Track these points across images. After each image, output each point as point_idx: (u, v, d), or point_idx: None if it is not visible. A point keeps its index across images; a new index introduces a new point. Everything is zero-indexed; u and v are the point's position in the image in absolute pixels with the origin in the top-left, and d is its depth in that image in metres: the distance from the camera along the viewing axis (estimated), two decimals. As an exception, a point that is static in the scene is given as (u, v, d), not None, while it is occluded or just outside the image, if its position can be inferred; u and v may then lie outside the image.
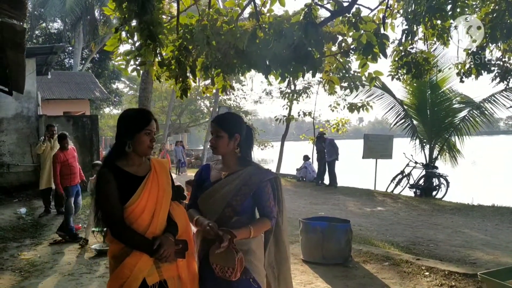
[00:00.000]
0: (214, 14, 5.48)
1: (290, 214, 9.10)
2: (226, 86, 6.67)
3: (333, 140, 14.96)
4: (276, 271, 2.62)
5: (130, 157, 2.42)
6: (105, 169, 2.37)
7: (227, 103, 34.26)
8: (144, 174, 2.43)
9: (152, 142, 2.44)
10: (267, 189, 2.55)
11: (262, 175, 2.57)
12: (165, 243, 2.33)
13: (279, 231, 2.66)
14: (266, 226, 2.55)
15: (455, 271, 5.11)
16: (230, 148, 2.57)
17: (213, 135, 2.60)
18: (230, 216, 2.50)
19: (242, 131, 2.60)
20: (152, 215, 2.38)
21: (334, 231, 5.85)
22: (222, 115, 2.69)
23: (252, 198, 2.54)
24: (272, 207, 2.55)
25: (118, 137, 2.43)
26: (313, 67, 5.73)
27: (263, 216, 2.55)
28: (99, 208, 2.38)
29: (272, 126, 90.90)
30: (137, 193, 2.35)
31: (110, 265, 2.41)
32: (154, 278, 2.34)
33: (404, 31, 6.15)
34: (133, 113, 2.51)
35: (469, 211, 10.20)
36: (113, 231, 2.33)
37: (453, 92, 13.95)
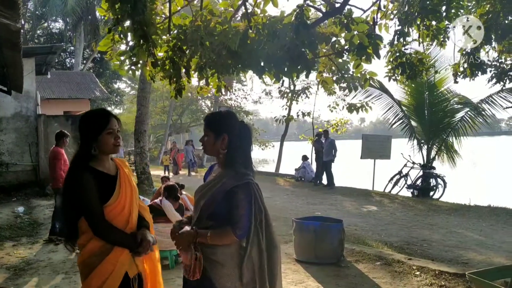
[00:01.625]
0: (207, 14, 5.52)
1: (287, 214, 9.15)
2: (221, 87, 6.70)
3: (334, 140, 14.97)
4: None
5: (98, 158, 2.46)
6: (82, 171, 2.39)
7: (228, 103, 34.30)
8: (115, 173, 2.50)
9: (117, 140, 2.47)
10: (236, 196, 2.31)
11: (234, 180, 2.34)
12: (144, 237, 2.45)
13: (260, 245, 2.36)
14: (227, 237, 2.30)
15: (446, 271, 5.14)
16: (217, 148, 2.43)
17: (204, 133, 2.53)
18: (203, 218, 2.41)
19: (231, 131, 2.43)
20: (130, 212, 2.47)
21: (326, 230, 5.89)
22: (211, 114, 2.59)
23: (225, 204, 2.34)
24: (240, 217, 2.30)
25: (81, 141, 2.47)
26: (306, 68, 5.77)
27: (228, 225, 2.31)
28: (71, 209, 2.42)
29: (273, 126, 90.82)
30: (116, 191, 2.43)
31: (84, 265, 2.42)
32: (134, 271, 2.45)
33: (397, 32, 6.19)
34: (92, 115, 2.54)
35: (465, 211, 10.22)
36: (97, 229, 2.37)
37: (451, 92, 13.95)
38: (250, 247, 2.33)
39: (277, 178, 17.99)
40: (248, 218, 2.31)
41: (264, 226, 2.38)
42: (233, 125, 2.46)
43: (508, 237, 7.52)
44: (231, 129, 2.43)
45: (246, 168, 2.43)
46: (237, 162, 2.41)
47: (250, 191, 2.34)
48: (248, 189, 2.33)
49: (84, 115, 2.56)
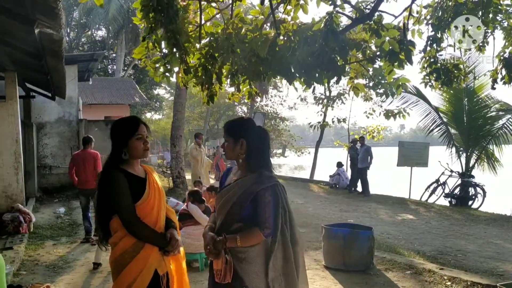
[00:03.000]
0: (238, 22, 5.63)
1: (319, 221, 9.12)
2: (252, 93, 6.80)
3: (370, 147, 14.76)
4: (284, 284, 2.50)
5: (128, 162, 2.63)
6: (116, 171, 2.55)
7: (264, 109, 34.47)
8: (144, 176, 2.66)
9: (146, 145, 2.64)
10: (264, 197, 2.47)
11: (261, 183, 2.50)
12: (173, 236, 2.59)
13: (286, 243, 2.52)
14: (256, 237, 2.46)
15: (478, 282, 5.01)
16: (237, 153, 2.58)
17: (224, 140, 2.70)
18: (232, 222, 2.52)
19: (248, 136, 2.57)
20: (158, 212, 2.61)
21: (356, 238, 5.85)
22: (231, 121, 2.75)
23: (252, 206, 2.49)
24: (267, 217, 2.45)
25: (113, 145, 2.64)
26: (337, 74, 5.77)
27: (255, 226, 2.46)
28: (110, 207, 2.56)
29: (310, 133, 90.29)
30: (147, 191, 2.59)
31: (116, 263, 2.55)
32: (163, 269, 2.58)
33: (430, 38, 6.10)
34: (122, 122, 2.72)
35: (505, 222, 9.85)
36: (130, 225, 2.52)
37: (491, 99, 13.49)
38: (277, 245, 2.47)
39: (311, 185, 17.91)
40: (275, 218, 2.47)
41: (288, 225, 2.54)
42: (251, 130, 2.61)
43: (549, 250, 7.22)
44: (249, 134, 2.58)
45: (268, 170, 2.59)
46: (260, 166, 2.57)
47: (276, 192, 2.50)
48: (274, 191, 2.50)
49: (115, 122, 2.74)
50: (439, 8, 6.20)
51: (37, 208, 10.39)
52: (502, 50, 7.30)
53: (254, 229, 2.46)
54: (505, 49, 7.25)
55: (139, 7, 4.77)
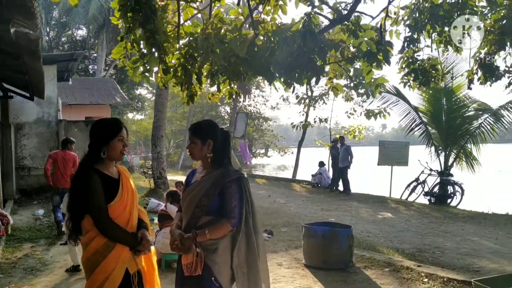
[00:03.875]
0: (218, 23, 5.64)
1: (301, 220, 9.17)
2: (233, 93, 6.82)
3: (350, 147, 14.91)
4: (246, 270, 2.68)
5: (104, 162, 2.65)
6: (90, 171, 2.55)
7: (247, 109, 34.48)
8: (117, 177, 2.69)
9: (125, 147, 2.68)
10: (230, 189, 2.65)
11: (227, 176, 2.68)
12: (144, 236, 2.65)
13: (249, 232, 2.70)
14: (224, 228, 2.61)
15: (454, 278, 5.11)
16: (204, 153, 2.75)
17: (190, 141, 2.81)
18: (199, 216, 2.66)
19: (215, 137, 2.77)
20: (130, 212, 2.65)
21: (335, 236, 5.91)
22: (196, 123, 2.90)
23: (219, 199, 2.65)
24: (233, 208, 2.62)
25: (92, 144, 2.66)
26: (316, 74, 5.83)
27: (223, 217, 2.63)
28: (83, 206, 2.56)
29: (293, 132, 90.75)
30: (120, 191, 2.62)
31: (89, 263, 2.57)
32: (134, 268, 2.63)
33: (406, 39, 6.20)
34: (107, 122, 2.76)
35: (482, 219, 10.05)
36: (103, 226, 2.54)
37: (469, 99, 13.77)
38: (241, 234, 2.66)
39: (293, 184, 17.99)
40: (240, 209, 2.65)
41: (251, 216, 2.72)
42: (216, 132, 2.79)
43: (524, 246, 7.40)
44: (215, 136, 2.76)
45: (230, 165, 2.80)
46: (225, 162, 2.77)
47: (242, 185, 2.69)
48: (240, 183, 2.69)
49: (98, 121, 2.77)
50: (415, 9, 6.30)
51: (15, 210, 10.22)
52: (478, 51, 7.45)
53: (221, 220, 2.62)
54: (481, 49, 7.41)
55: (116, 6, 4.74)
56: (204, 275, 2.57)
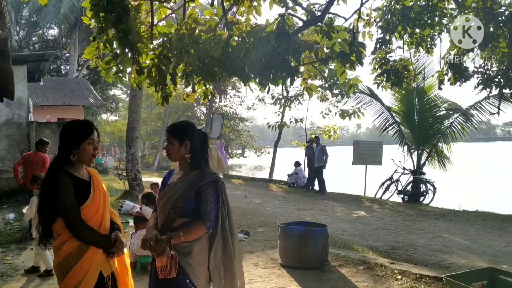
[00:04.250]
0: (192, 23, 5.63)
1: (277, 220, 9.20)
2: (208, 93, 6.80)
3: (325, 146, 15.08)
4: (222, 272, 2.67)
5: (75, 164, 2.61)
6: (61, 173, 2.51)
7: (223, 109, 34.40)
8: (88, 179, 2.65)
9: (95, 150, 2.64)
10: (206, 191, 2.63)
11: (204, 178, 2.67)
12: (118, 238, 2.62)
13: (225, 235, 2.69)
14: (199, 230, 2.59)
15: (426, 275, 5.22)
16: (182, 154, 2.73)
17: (167, 142, 2.79)
18: (174, 218, 2.64)
19: (193, 138, 2.75)
20: (103, 215, 2.62)
21: (311, 235, 5.96)
22: (174, 124, 2.87)
23: (195, 201, 2.64)
24: (209, 210, 2.61)
25: (62, 146, 2.61)
26: (290, 75, 5.88)
27: (198, 219, 2.60)
28: (53, 209, 2.52)
29: (270, 133, 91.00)
30: (92, 194, 2.58)
31: (61, 267, 2.53)
32: (107, 270, 2.60)
33: (379, 40, 6.31)
34: (77, 124, 2.71)
35: (453, 216, 10.30)
36: (75, 228, 2.49)
37: (440, 99, 14.11)
38: (217, 237, 2.66)
39: (270, 184, 18.04)
40: (216, 210, 2.64)
41: (227, 218, 2.72)
42: (194, 133, 2.77)
43: (492, 242, 7.60)
44: (192, 137, 2.74)
45: (208, 168, 2.78)
46: (202, 164, 2.75)
47: (218, 187, 2.68)
48: (216, 185, 2.68)
49: (69, 123, 2.72)
50: (387, 11, 6.43)
51: (-15, 215, 9.93)
52: (448, 52, 7.64)
53: (196, 223, 2.59)
54: (450, 51, 7.60)
55: (88, 6, 4.68)
56: (179, 277, 2.55)
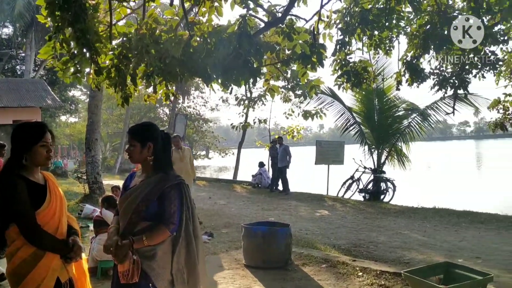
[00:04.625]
0: (152, 23, 5.55)
1: (242, 220, 9.20)
2: (169, 94, 6.73)
3: (288, 147, 15.24)
4: (186, 276, 2.64)
5: (28, 168, 2.52)
6: (14, 177, 2.41)
7: (186, 110, 34.10)
8: (43, 183, 2.57)
9: (49, 153, 2.55)
10: (170, 195, 2.59)
11: (168, 181, 2.62)
12: (76, 243, 2.55)
13: (189, 238, 2.66)
14: (162, 234, 2.55)
15: (386, 271, 5.35)
16: (144, 156, 2.67)
17: (129, 144, 2.73)
18: (137, 221, 2.58)
19: (155, 139, 2.70)
20: (59, 219, 2.54)
21: (274, 235, 6.00)
22: (136, 126, 2.82)
23: (158, 204, 2.59)
24: (172, 213, 2.57)
25: (14, 150, 2.51)
26: (252, 76, 5.89)
27: (160, 223, 2.56)
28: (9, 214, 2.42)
29: (234, 134, 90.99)
30: (48, 197, 2.50)
31: (15, 274, 2.43)
32: (65, 276, 2.53)
33: (338, 42, 6.42)
34: (28, 127, 2.60)
35: (412, 213, 10.61)
36: (31, 234, 2.40)
37: (399, 99, 14.53)
38: (181, 240, 2.60)
39: (234, 185, 18.04)
40: (179, 214, 2.61)
41: (191, 221, 2.67)
42: (157, 134, 2.72)
43: (448, 237, 7.89)
44: (155, 138, 2.69)
45: (172, 170, 2.73)
46: (165, 166, 2.70)
47: (181, 190, 2.65)
48: (179, 188, 2.64)
49: (19, 126, 2.60)
50: (347, 13, 6.55)
51: None
52: (405, 54, 7.86)
53: (159, 226, 2.55)
54: (407, 53, 7.82)
55: (43, 4, 4.53)
56: (142, 282, 2.50)
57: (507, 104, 11.37)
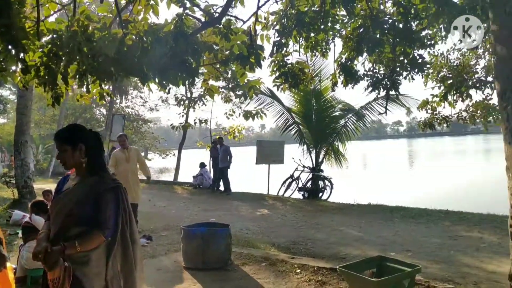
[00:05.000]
0: (84, 20, 5.34)
1: (182, 222, 9.08)
2: (104, 94, 6.51)
3: (228, 147, 15.28)
4: (122, 282, 2.56)
5: None
6: None
7: (124, 110, 33.18)
8: None
9: None
10: (106, 198, 2.50)
11: (104, 184, 2.54)
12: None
13: (126, 243, 2.58)
14: (97, 239, 2.44)
15: (323, 267, 5.51)
16: (76, 159, 2.57)
17: (58, 150, 2.60)
18: (69, 226, 2.47)
19: (86, 140, 2.60)
20: None
21: (213, 236, 5.98)
22: (63, 129, 2.70)
23: (93, 208, 2.49)
24: (108, 218, 2.48)
25: None
26: (190, 76, 5.82)
27: (95, 228, 2.45)
28: None
29: (175, 134, 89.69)
30: None
31: None
32: None
33: (275, 43, 6.52)
34: None
35: (349, 210, 11.00)
36: None
37: (335, 100, 15.00)
38: (116, 245, 2.52)
39: (175, 187, 17.78)
40: (115, 218, 2.52)
41: (128, 225, 2.61)
42: (87, 134, 2.63)
43: (382, 232, 8.25)
44: (85, 139, 2.60)
45: (106, 172, 2.65)
46: (100, 168, 2.62)
47: (118, 193, 2.56)
48: (116, 191, 2.56)
49: None
50: (283, 15, 6.66)
51: None
52: (340, 56, 8.12)
53: (94, 231, 2.45)
54: (342, 55, 8.08)
55: (-39, -3, 4.22)
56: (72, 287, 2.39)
57: (434, 105, 12.09)
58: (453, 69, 11.25)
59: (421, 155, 48.42)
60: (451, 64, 11.42)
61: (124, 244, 2.58)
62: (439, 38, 9.04)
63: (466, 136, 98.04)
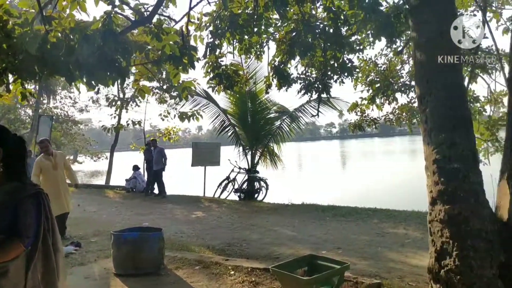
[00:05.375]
0: (4, 15, 5.01)
1: (113, 227, 8.77)
2: (26, 94, 6.15)
3: (163, 149, 14.99)
4: None
5: None
6: None
7: (52, 111, 31.51)
8: None
9: None
10: (26, 205, 2.36)
11: (24, 190, 2.39)
12: None
13: (48, 252, 2.44)
14: (16, 248, 2.29)
15: (257, 267, 5.55)
16: None
17: None
18: None
19: (5, 143, 2.43)
20: None
21: (146, 240, 5.82)
22: None
23: (12, 216, 2.33)
24: (28, 226, 2.34)
25: None
26: (120, 75, 5.65)
27: (13, 236, 2.30)
28: None
29: (108, 136, 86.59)
30: None
31: None
32: None
33: (208, 44, 6.50)
34: None
35: (283, 210, 11.19)
36: None
37: (270, 102, 15.23)
38: (37, 254, 2.38)
39: (106, 191, 17.13)
40: (37, 227, 2.37)
41: (51, 233, 2.47)
42: (6, 138, 2.45)
43: (315, 231, 8.46)
44: (6, 142, 2.43)
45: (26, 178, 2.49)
46: (20, 173, 2.46)
47: (40, 200, 2.42)
48: (37, 198, 2.42)
49: None
50: (217, 17, 6.65)
51: None
52: (273, 59, 8.24)
53: (12, 240, 2.28)
54: (275, 58, 8.21)
55: None
56: None
57: (363, 107, 12.64)
58: (381, 73, 11.84)
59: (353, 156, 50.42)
60: (379, 69, 12.00)
61: (46, 253, 2.43)
62: (367, 43, 9.47)
63: (394, 137, 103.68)
